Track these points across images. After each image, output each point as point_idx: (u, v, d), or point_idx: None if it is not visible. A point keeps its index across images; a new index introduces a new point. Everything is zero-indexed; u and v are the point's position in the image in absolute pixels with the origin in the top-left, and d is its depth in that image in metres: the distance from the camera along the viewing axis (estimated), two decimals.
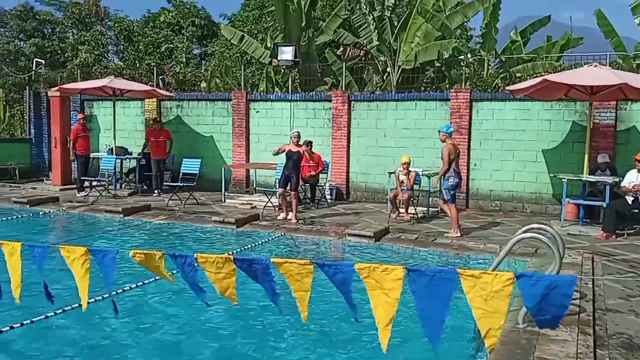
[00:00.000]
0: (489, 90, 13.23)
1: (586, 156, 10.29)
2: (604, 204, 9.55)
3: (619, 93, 9.95)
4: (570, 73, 10.33)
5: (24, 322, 5.20)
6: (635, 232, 9.50)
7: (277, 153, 10.61)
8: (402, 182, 10.74)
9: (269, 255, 8.61)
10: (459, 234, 9.21)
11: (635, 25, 14.43)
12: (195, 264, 2.99)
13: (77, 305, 5.54)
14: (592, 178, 10.07)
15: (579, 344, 4.63)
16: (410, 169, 10.85)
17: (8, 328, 5.07)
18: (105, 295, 5.57)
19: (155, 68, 19.08)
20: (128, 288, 6.31)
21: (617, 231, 9.32)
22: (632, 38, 19.40)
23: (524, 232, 5.78)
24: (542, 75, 11.16)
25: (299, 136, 10.56)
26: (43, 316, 5.38)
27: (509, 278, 2.08)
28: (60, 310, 5.56)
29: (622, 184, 9.44)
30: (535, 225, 6.08)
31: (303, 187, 12.56)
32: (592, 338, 4.84)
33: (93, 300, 5.36)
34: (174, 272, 3.24)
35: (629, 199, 9.30)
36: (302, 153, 10.58)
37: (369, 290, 2.44)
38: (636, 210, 9.22)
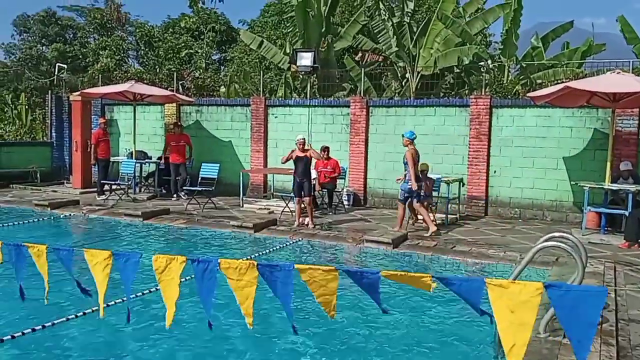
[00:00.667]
0: (509, 96, 13.12)
1: (608, 164, 10.16)
2: (627, 213, 9.41)
3: None
4: (593, 80, 10.21)
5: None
6: None
7: (286, 160, 10.63)
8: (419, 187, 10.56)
9: (287, 261, 8.62)
10: (434, 230, 9.86)
11: None
12: (217, 270, 2.98)
13: (90, 310, 5.59)
14: (615, 186, 9.93)
15: (602, 355, 4.57)
16: (428, 175, 10.77)
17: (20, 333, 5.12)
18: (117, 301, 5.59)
19: (175, 73, 19.25)
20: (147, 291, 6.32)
21: (639, 240, 9.17)
22: None
23: (546, 240, 5.72)
24: (563, 82, 11.05)
25: (304, 142, 10.50)
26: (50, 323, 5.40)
27: (538, 288, 2.05)
28: (73, 316, 5.58)
29: None
30: (557, 234, 6.01)
31: (321, 192, 12.56)
32: (615, 349, 4.77)
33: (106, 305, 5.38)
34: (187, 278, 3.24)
35: None
36: (310, 157, 10.56)
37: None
38: None
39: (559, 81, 13.74)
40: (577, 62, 16.36)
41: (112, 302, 5.54)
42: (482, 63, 15.31)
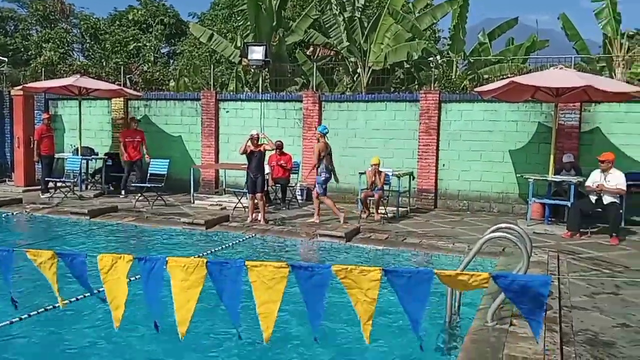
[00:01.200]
0: (457, 91, 13.41)
1: (552, 156, 10.51)
2: (569, 204, 9.78)
3: (583, 95, 10.21)
4: (537, 75, 10.54)
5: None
6: (598, 230, 9.75)
7: (243, 152, 10.50)
8: (372, 182, 10.77)
9: (240, 257, 8.55)
10: (343, 221, 10.13)
11: (597, 28, 14.84)
12: (164, 268, 2.91)
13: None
14: (558, 178, 10.30)
15: (546, 341, 4.73)
16: (380, 169, 10.90)
17: None
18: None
19: (122, 67, 18.74)
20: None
21: (581, 230, 9.55)
22: (593, 40, 19.94)
23: (493, 231, 5.87)
24: (509, 77, 11.37)
25: (258, 137, 10.41)
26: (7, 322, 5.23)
27: (484, 278, 2.11)
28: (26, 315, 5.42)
29: (586, 184, 9.68)
30: (503, 225, 6.18)
31: (274, 187, 12.52)
32: (559, 335, 4.94)
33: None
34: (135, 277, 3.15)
35: (593, 199, 9.54)
36: (264, 151, 10.50)
37: (347, 289, 2.44)
38: (599, 210, 9.45)
39: (504, 76, 14.13)
40: (522, 57, 16.86)
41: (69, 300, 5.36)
42: (431, 58, 15.58)
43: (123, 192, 13.36)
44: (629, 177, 9.71)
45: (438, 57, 15.73)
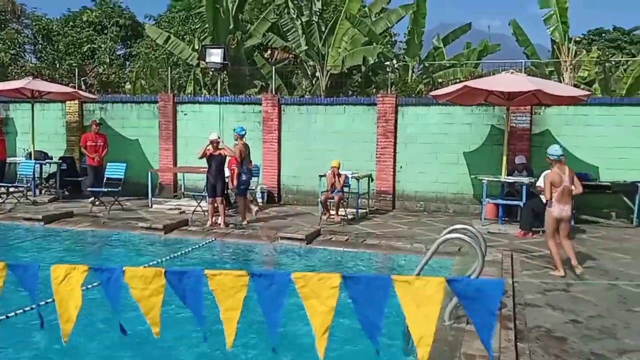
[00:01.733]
0: (413, 95, 13.67)
1: (504, 158, 10.84)
2: (521, 204, 10.10)
3: (533, 98, 10.57)
4: (489, 79, 10.85)
5: None
6: None
7: (202, 156, 10.43)
8: (332, 184, 10.88)
9: (199, 263, 8.50)
10: (247, 222, 10.56)
11: (546, 33, 15.37)
12: (122, 279, 2.89)
13: None
14: (510, 179, 10.62)
15: (501, 339, 4.90)
16: (340, 171, 11.01)
17: None
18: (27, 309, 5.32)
19: (76, 69, 18.32)
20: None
21: (533, 229, 9.88)
22: (543, 45, 20.64)
23: (448, 232, 6.04)
24: (462, 81, 11.67)
25: (218, 142, 10.32)
26: None
27: (440, 282, 2.20)
28: None
29: (537, 184, 10.01)
30: (458, 226, 6.36)
31: (234, 190, 12.46)
32: (513, 332, 5.12)
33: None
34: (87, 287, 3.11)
35: (544, 199, 9.86)
36: (224, 156, 10.46)
37: (304, 300, 2.47)
38: None
39: (458, 80, 14.48)
40: (475, 62, 17.30)
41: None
42: (387, 63, 15.82)
43: (93, 199, 12.50)
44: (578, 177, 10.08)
45: (394, 61, 15.98)
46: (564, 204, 7.31)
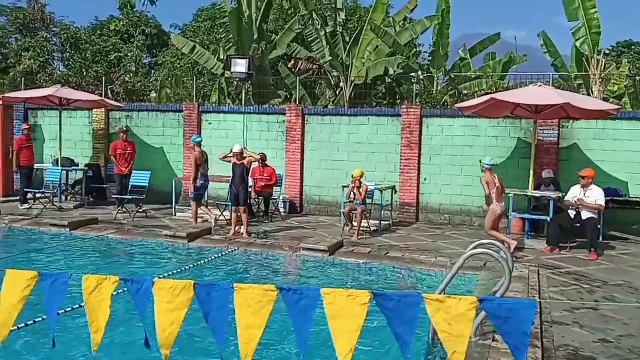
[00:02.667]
0: (438, 106, 13.58)
1: (531, 172, 10.68)
2: (549, 219, 9.92)
3: (561, 112, 10.40)
4: (517, 92, 10.74)
5: None
6: (577, 245, 9.89)
7: (224, 157, 10.59)
8: (354, 195, 10.70)
9: (222, 272, 8.51)
10: (196, 224, 11.06)
11: (572, 44, 15.17)
12: (152, 290, 2.87)
13: None
14: (537, 193, 10.45)
15: (528, 357, 4.78)
16: (362, 182, 10.85)
17: None
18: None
19: (103, 77, 18.62)
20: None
21: (560, 244, 9.69)
22: (568, 56, 20.33)
23: (475, 247, 5.95)
24: (489, 93, 11.56)
25: (241, 152, 10.41)
26: None
27: (472, 302, 2.15)
28: None
29: (566, 199, 9.85)
30: (485, 241, 6.27)
31: (257, 200, 12.50)
32: (541, 351, 5.01)
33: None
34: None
35: (572, 214, 9.70)
36: (248, 165, 10.51)
37: (329, 318, 2.43)
38: (578, 225, 9.61)
39: (484, 92, 14.35)
40: (502, 74, 17.14)
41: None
42: (413, 74, 15.77)
43: (119, 206, 12.54)
44: (605, 192, 9.90)
45: (420, 72, 15.93)
46: (502, 202, 9.40)
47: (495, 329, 2.22)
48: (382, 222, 11.37)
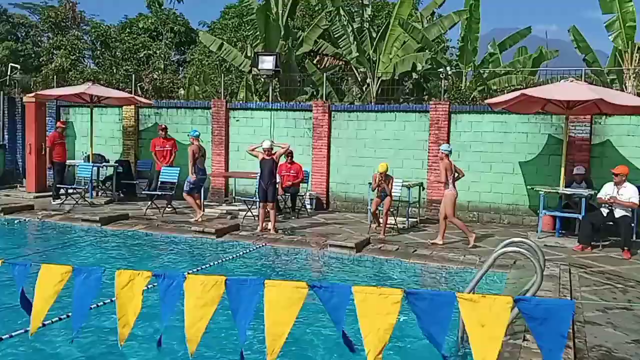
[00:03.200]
0: (467, 102, 13.41)
1: (562, 169, 10.49)
2: (580, 216, 9.73)
3: (594, 108, 10.18)
4: (547, 88, 10.53)
5: None
6: (610, 244, 9.69)
7: (252, 150, 10.64)
8: (379, 187, 10.33)
9: (251, 267, 8.56)
10: (199, 218, 11.18)
11: (607, 39, 14.82)
12: (182, 286, 2.89)
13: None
14: (568, 190, 10.25)
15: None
16: (388, 174, 10.64)
17: None
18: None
19: (133, 74, 18.86)
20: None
21: (592, 243, 9.50)
22: (603, 52, 19.89)
23: (505, 245, 5.86)
24: (518, 89, 11.38)
25: (270, 149, 10.44)
26: None
27: (507, 302, 2.11)
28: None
29: (598, 196, 9.65)
30: (516, 239, 6.18)
31: (283, 196, 12.54)
32: (573, 351, 4.92)
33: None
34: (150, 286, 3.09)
35: (604, 212, 9.50)
36: (277, 159, 10.53)
37: (360, 316, 2.41)
38: (611, 223, 9.41)
39: (514, 88, 14.11)
40: (532, 69, 16.84)
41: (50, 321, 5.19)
42: (441, 70, 15.59)
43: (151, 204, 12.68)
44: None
45: (448, 68, 15.74)
46: (456, 188, 9.81)
47: (530, 330, 2.17)
48: (410, 219, 11.29)
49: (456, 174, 10.11)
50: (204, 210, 11.72)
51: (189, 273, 2.99)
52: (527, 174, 11.86)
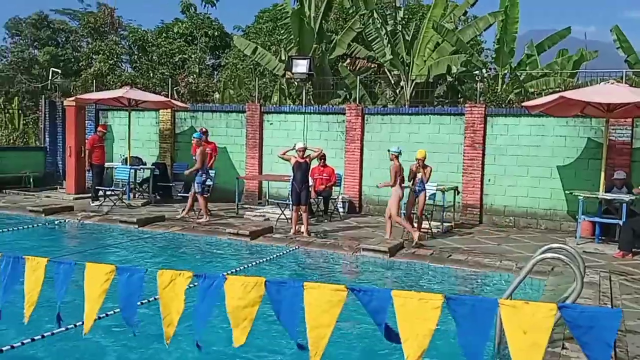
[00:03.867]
0: (503, 105, 13.21)
1: (602, 173, 10.25)
2: (621, 222, 9.48)
3: (635, 110, 9.92)
4: (587, 90, 10.31)
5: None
6: None
7: (283, 154, 10.64)
8: (414, 178, 10.13)
9: (285, 270, 8.61)
10: (207, 219, 11.55)
11: None
12: (222, 286, 2.92)
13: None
14: (609, 195, 10.00)
15: None
16: (429, 184, 10.58)
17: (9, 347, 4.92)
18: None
19: (169, 78, 19.20)
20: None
21: (633, 250, 9.24)
22: None
23: (544, 251, 5.76)
24: (557, 91, 11.16)
25: (304, 151, 10.46)
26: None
27: (551, 309, 2.07)
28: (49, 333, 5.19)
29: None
30: (555, 245, 6.06)
31: (316, 199, 12.56)
32: None
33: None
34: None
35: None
36: (310, 162, 10.55)
37: (399, 321, 2.40)
38: None
39: (552, 90, 13.85)
40: (571, 71, 16.49)
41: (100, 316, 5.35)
42: (477, 72, 15.41)
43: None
44: None
45: (484, 70, 15.55)
46: (403, 189, 9.98)
47: (575, 339, 2.12)
48: (444, 224, 11.18)
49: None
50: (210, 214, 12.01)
51: (228, 274, 3.02)
52: (565, 179, 11.62)
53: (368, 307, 2.45)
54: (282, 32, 20.68)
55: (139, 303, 3.25)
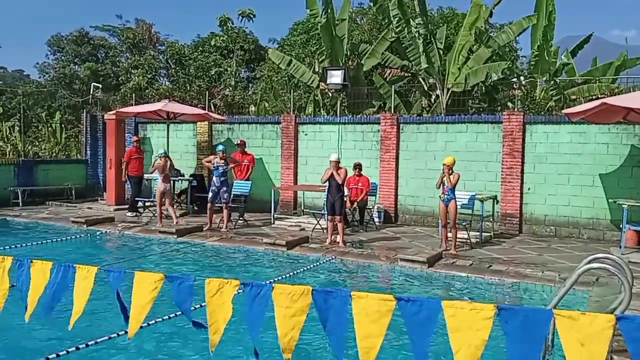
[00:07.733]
0: (542, 112, 12.98)
1: None
2: None
3: None
4: (630, 96, 10.05)
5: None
6: None
7: (326, 180, 10.47)
8: (443, 185, 9.84)
9: (321, 280, 8.60)
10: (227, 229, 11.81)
11: None
12: (270, 295, 2.94)
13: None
14: None
15: None
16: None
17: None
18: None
19: (206, 91, 19.50)
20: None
21: None
22: None
23: (590, 261, 5.61)
24: (598, 98, 10.91)
25: (338, 161, 10.37)
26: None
27: (609, 320, 2.02)
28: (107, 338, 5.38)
29: None
30: (600, 255, 5.90)
31: (351, 209, 12.53)
32: None
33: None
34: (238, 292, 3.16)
35: None
36: (345, 174, 10.46)
37: (450, 331, 2.37)
38: None
39: (593, 97, 13.55)
40: (612, 77, 16.11)
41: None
42: (515, 79, 15.19)
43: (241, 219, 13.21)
44: None
45: (522, 78, 15.32)
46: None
47: (630, 354, 2.06)
48: (483, 234, 11.01)
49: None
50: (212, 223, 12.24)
51: (273, 282, 3.04)
52: (607, 187, 11.33)
53: (414, 319, 2.42)
54: (314, 43, 20.78)
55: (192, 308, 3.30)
